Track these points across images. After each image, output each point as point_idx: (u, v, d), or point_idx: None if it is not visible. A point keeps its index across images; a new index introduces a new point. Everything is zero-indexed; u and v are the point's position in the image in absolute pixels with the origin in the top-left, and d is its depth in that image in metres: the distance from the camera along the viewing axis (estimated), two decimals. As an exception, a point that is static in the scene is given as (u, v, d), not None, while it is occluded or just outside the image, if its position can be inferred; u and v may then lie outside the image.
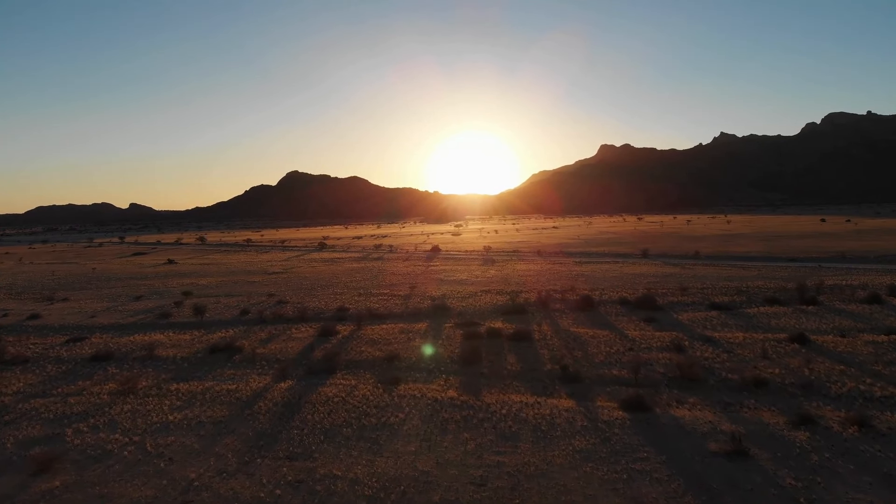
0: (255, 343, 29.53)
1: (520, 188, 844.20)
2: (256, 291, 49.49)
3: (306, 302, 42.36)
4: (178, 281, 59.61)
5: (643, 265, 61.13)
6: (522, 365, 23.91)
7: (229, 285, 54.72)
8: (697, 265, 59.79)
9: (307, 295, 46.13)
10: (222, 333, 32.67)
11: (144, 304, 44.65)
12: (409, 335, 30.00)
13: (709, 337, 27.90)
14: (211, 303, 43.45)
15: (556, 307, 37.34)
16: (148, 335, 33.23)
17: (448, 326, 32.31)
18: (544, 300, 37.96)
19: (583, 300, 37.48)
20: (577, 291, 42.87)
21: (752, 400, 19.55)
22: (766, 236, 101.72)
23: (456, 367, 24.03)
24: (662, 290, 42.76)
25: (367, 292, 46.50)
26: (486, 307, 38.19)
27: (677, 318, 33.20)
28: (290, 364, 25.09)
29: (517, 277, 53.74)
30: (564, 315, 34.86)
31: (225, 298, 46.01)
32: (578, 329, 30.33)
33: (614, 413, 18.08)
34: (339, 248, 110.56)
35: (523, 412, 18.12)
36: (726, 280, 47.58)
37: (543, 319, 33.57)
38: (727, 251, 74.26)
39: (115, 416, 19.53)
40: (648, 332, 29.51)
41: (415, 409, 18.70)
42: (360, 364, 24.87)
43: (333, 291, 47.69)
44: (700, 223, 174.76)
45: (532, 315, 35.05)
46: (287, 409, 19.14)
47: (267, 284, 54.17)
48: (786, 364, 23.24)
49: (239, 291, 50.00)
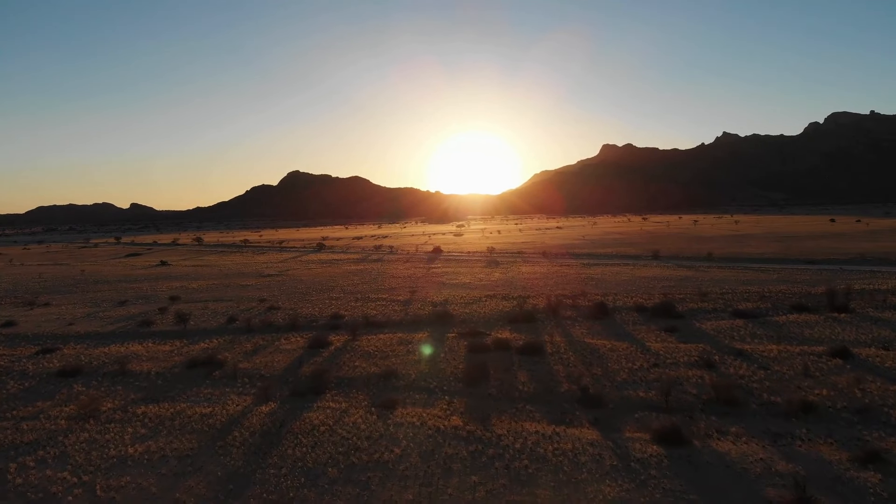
0: (239, 356, 26.89)
1: (521, 188, 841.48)
2: (248, 296, 46.86)
3: (299, 308, 39.72)
4: (167, 284, 57.02)
5: (655, 268, 58.43)
6: (536, 384, 21.24)
7: (220, 289, 52.11)
8: (712, 267, 57.08)
9: (301, 300, 43.50)
10: (205, 344, 30.04)
11: (127, 311, 42.03)
12: (409, 347, 27.33)
13: (740, 350, 25.21)
14: (198, 309, 40.84)
15: (567, 314, 34.67)
16: (125, 346, 30.62)
17: (451, 336, 29.66)
18: (554, 307, 35.27)
19: (597, 307, 34.79)
20: (589, 297, 40.20)
21: (802, 429, 16.89)
22: (778, 237, 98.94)
23: (460, 386, 21.37)
24: (680, 296, 40.07)
25: (364, 297, 43.86)
26: (491, 314, 35.53)
27: (701, 328, 30.52)
28: (274, 382, 22.44)
29: (523, 281, 51.08)
30: (577, 323, 32.18)
31: (213, 304, 43.38)
32: (594, 340, 27.65)
33: (647, 448, 15.39)
34: (339, 249, 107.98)
35: (541, 447, 15.44)
36: (746, 284, 44.89)
37: (555, 329, 30.89)
38: (740, 252, 71.54)
39: (68, 448, 16.89)
40: (672, 343, 26.83)
41: (413, 441, 16.02)
42: (353, 382, 22.22)
43: (329, 296, 45.05)
44: (707, 223, 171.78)
45: (542, 324, 32.38)
46: (265, 441, 16.47)
47: (260, 288, 51.55)
48: (832, 384, 20.57)
49: (229, 296, 47.39)
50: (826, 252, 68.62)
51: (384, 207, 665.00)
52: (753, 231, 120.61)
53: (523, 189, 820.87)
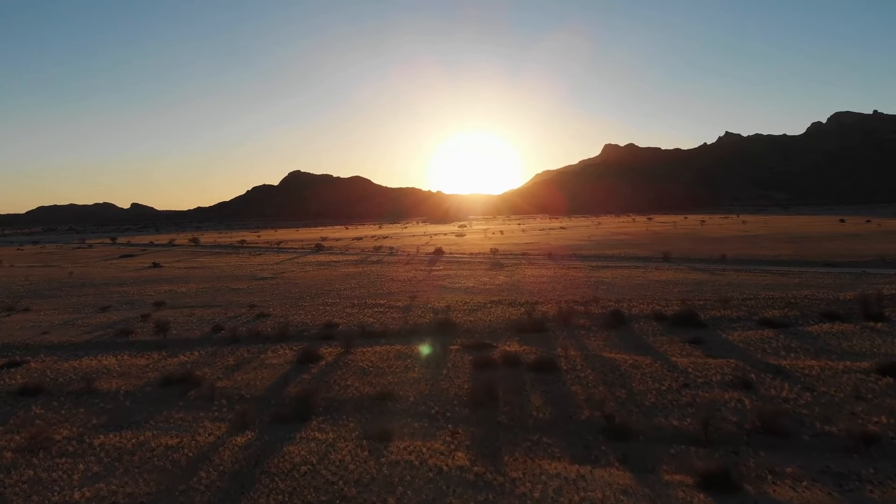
0: (219, 372, 24.31)
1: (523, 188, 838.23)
2: (238, 301, 44.29)
3: (291, 315, 37.12)
4: (156, 288, 54.45)
5: (668, 270, 55.75)
6: (552, 409, 18.63)
7: (210, 293, 49.53)
8: (727, 270, 54.39)
9: (293, 306, 40.89)
10: (184, 357, 27.48)
11: (108, 317, 39.46)
12: (407, 362, 24.73)
13: (777, 367, 22.58)
14: (183, 316, 38.28)
15: (579, 323, 32.04)
16: (98, 358, 28.06)
17: (454, 348, 27.07)
18: (565, 314, 32.65)
19: (612, 316, 32.17)
20: (602, 303, 37.57)
21: (869, 468, 14.31)
22: (790, 238, 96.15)
23: (465, 411, 18.77)
24: (700, 302, 37.43)
25: (361, 303, 41.25)
26: (497, 322, 32.92)
27: (728, 339, 27.90)
28: (254, 405, 19.88)
29: (529, 285, 48.44)
30: (592, 334, 29.57)
31: (200, 310, 40.80)
32: (613, 354, 25.03)
33: (693, 497, 12.78)
34: (337, 250, 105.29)
35: (564, 496, 12.82)
36: (767, 289, 42.24)
37: (568, 340, 28.27)
38: (754, 254, 68.81)
39: (6, 491, 14.32)
40: (700, 358, 24.20)
41: (411, 488, 13.41)
42: (343, 405, 19.63)
43: (324, 302, 42.45)
44: (714, 224, 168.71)
45: (553, 334, 29.77)
46: (235, 485, 13.87)
47: (251, 293, 48.96)
48: (890, 409, 17.97)
49: (219, 301, 44.81)
50: (843, 254, 65.92)
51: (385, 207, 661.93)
52: (763, 231, 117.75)
53: (525, 189, 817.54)
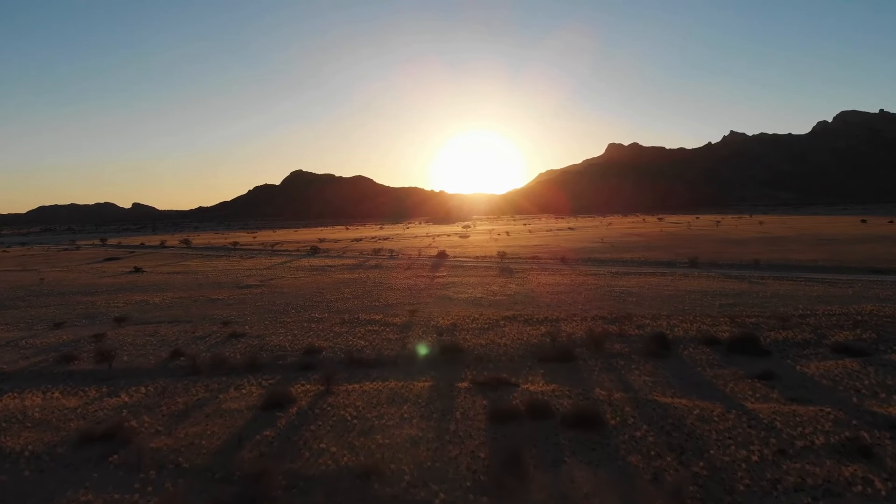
0: (160, 422, 18.69)
1: (526, 187, 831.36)
2: (213, 315, 38.69)
3: (268, 335, 31.50)
4: (127, 297, 48.90)
5: (698, 278, 49.94)
6: (608, 494, 12.96)
7: (185, 305, 43.95)
8: (766, 278, 48.60)
9: (274, 323, 35.26)
10: (125, 397, 21.89)
11: (59, 337, 33.85)
12: (404, 409, 19.08)
13: (890, 420, 16.89)
14: (143, 336, 32.68)
15: (615, 349, 26.38)
16: (22, 396, 22.54)
17: (463, 386, 21.43)
18: (597, 338, 26.96)
19: (654, 340, 26.50)
20: (636, 320, 31.88)
21: None
22: (817, 240, 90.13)
23: (483, 502, 13.12)
24: (751, 320, 31.71)
25: (352, 319, 35.60)
26: (514, 347, 27.25)
27: (804, 373, 22.22)
28: (192, 483, 14.27)
29: (545, 295, 42.75)
30: (633, 365, 23.90)
31: (167, 327, 35.20)
32: (670, 398, 19.34)
33: None
34: (335, 252, 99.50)
35: None
36: (822, 302, 36.52)
37: (605, 375, 22.60)
38: (787, 259, 62.95)
39: None
40: (782, 404, 18.52)
41: None
42: (312, 487, 14.01)
43: (309, 317, 36.81)
44: (730, 224, 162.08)
45: (585, 364, 24.11)
46: None
47: (230, 305, 43.35)
48: None
49: (191, 315, 39.22)
50: (880, 258, 60.12)
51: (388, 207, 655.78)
52: (784, 233, 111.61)
53: (528, 188, 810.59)
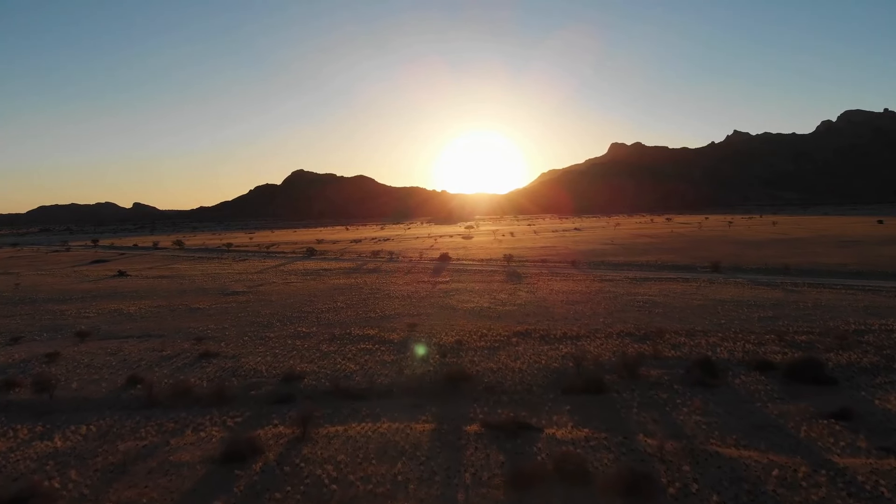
0: (89, 481, 14.41)
1: (529, 187, 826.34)
2: (189, 329, 34.43)
3: (245, 355, 27.23)
4: (101, 306, 44.70)
5: (725, 285, 45.59)
6: None
7: (160, 316, 39.72)
8: (801, 285, 44.27)
9: (254, 339, 30.97)
10: (59, 440, 17.67)
11: (10, 355, 29.61)
12: (397, 469, 14.76)
13: None
14: (103, 355, 28.44)
15: (651, 375, 22.09)
16: (-71, 440, 18.24)
17: (472, 430, 17.17)
18: (630, 362, 22.64)
19: (698, 366, 22.19)
20: (670, 338, 27.59)
21: None
22: (839, 242, 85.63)
23: None
24: (801, 337, 27.40)
25: (343, 334, 31.31)
26: (531, 373, 22.96)
27: (889, 411, 17.95)
28: None
29: (560, 305, 38.44)
30: (679, 398, 19.60)
31: (133, 343, 30.96)
32: (736, 451, 14.99)
33: None
34: (332, 254, 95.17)
35: None
36: (873, 314, 32.23)
37: (647, 413, 18.31)
38: (815, 262, 58.56)
39: None
40: (875, 458, 14.21)
41: None
42: None
43: (295, 331, 32.52)
44: (742, 224, 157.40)
45: (621, 398, 19.82)
46: None
47: (211, 315, 39.09)
48: None
49: (164, 328, 34.97)
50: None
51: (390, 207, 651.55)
52: (801, 234, 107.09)
53: (531, 188, 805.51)
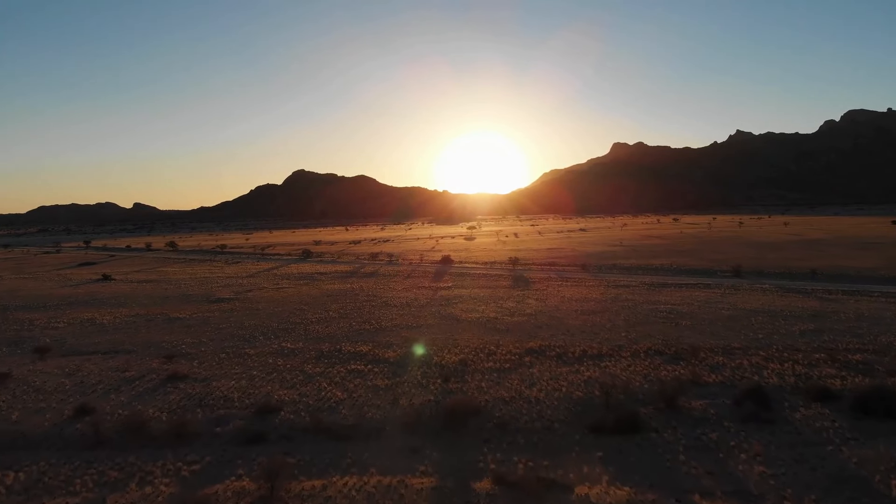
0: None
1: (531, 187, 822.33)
2: (161, 343, 30.91)
3: (218, 377, 23.70)
4: (75, 315, 41.20)
5: (752, 292, 41.96)
6: None
7: (135, 327, 36.18)
8: (834, 292, 40.66)
9: (231, 356, 27.42)
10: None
11: (-49, 375, 26.09)
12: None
13: None
14: (61, 375, 24.94)
15: (693, 407, 18.56)
16: None
17: (483, 487, 13.68)
18: (668, 392, 19.09)
19: (750, 397, 18.67)
20: (706, 358, 24.01)
21: None
22: (858, 244, 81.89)
23: None
24: (855, 357, 23.85)
25: (332, 351, 27.76)
26: (551, 405, 19.42)
27: None
28: None
29: (576, 316, 34.84)
30: (731, 437, 16.07)
31: (96, 361, 27.44)
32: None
33: None
34: (329, 256, 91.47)
35: None
36: (933, 328, 28.60)
37: (698, 462, 14.75)
38: (842, 266, 54.90)
39: None
40: None
41: None
42: None
43: (279, 347, 28.97)
44: (752, 225, 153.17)
45: (662, 441, 16.28)
46: None
47: (189, 327, 35.55)
48: None
49: (135, 343, 31.43)
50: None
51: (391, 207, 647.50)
52: (816, 235, 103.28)
53: (533, 188, 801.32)
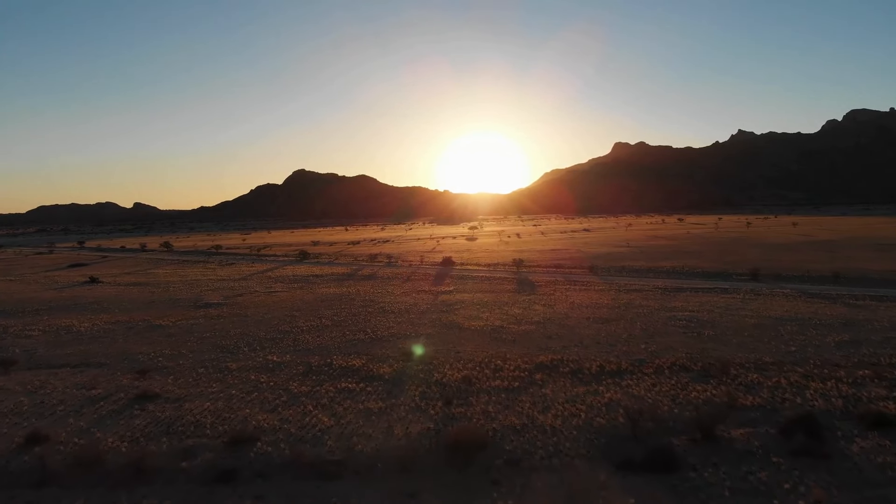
0: None
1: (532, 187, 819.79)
2: (137, 355, 28.39)
3: (192, 398, 21.17)
4: (51, 322, 38.70)
5: (775, 298, 39.37)
6: None
7: (113, 336, 33.65)
8: (862, 298, 38.07)
9: (210, 371, 24.88)
10: None
11: None
12: None
13: None
14: (22, 393, 22.42)
15: (733, 437, 16.03)
16: None
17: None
18: (706, 421, 16.53)
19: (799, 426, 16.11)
20: (736, 372, 21.45)
21: None
22: (873, 245, 79.23)
23: None
24: (910, 375, 21.24)
25: (321, 365, 25.21)
26: (568, 433, 16.87)
27: None
28: None
29: (588, 324, 32.27)
30: (782, 477, 13.51)
31: (63, 377, 24.91)
32: None
33: None
34: (327, 257, 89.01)
35: None
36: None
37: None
38: (862, 269, 52.30)
39: None
40: None
41: None
42: None
43: (264, 361, 26.41)
44: (760, 226, 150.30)
45: (703, 480, 13.74)
46: None
47: (171, 336, 33.02)
48: None
49: (109, 354, 28.91)
50: None
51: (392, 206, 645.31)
52: (827, 236, 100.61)
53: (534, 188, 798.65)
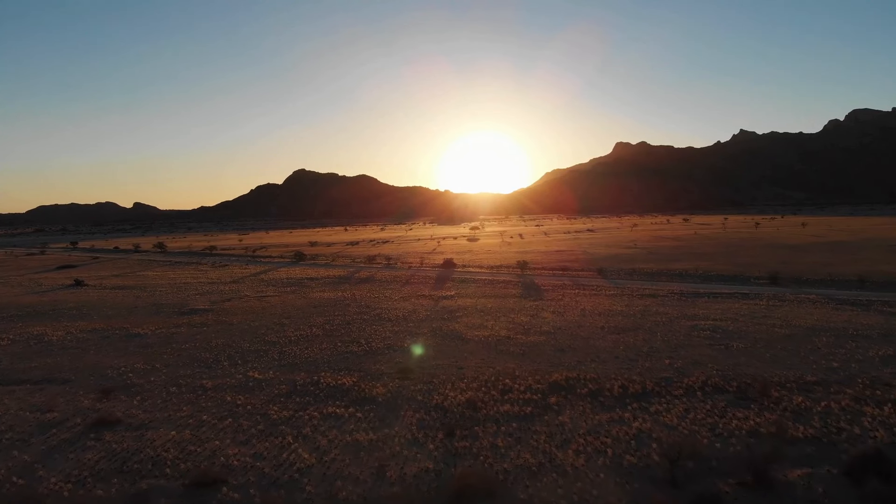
0: None
1: (533, 187, 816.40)
2: (105, 370, 25.71)
3: (156, 425, 18.50)
4: (25, 329, 36.06)
5: (800, 304, 36.60)
6: None
7: (86, 346, 30.97)
8: (894, 304, 35.38)
9: (183, 391, 22.19)
10: None
11: None
12: None
13: None
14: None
15: (794, 482, 13.34)
16: None
17: None
18: (760, 464, 13.84)
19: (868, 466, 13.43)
20: (779, 395, 18.75)
21: None
22: (888, 246, 76.29)
23: None
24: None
25: (307, 384, 22.50)
26: (594, 478, 14.23)
27: None
28: None
29: (603, 335, 29.55)
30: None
31: (20, 396, 22.25)
32: None
33: None
34: (323, 259, 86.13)
35: None
36: None
37: None
38: (886, 273, 49.47)
39: None
40: None
41: None
42: None
43: (244, 378, 23.70)
44: (768, 226, 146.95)
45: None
46: None
47: (147, 347, 30.34)
48: None
49: (76, 369, 26.24)
50: None
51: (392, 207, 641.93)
52: (839, 237, 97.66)
53: (535, 188, 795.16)
